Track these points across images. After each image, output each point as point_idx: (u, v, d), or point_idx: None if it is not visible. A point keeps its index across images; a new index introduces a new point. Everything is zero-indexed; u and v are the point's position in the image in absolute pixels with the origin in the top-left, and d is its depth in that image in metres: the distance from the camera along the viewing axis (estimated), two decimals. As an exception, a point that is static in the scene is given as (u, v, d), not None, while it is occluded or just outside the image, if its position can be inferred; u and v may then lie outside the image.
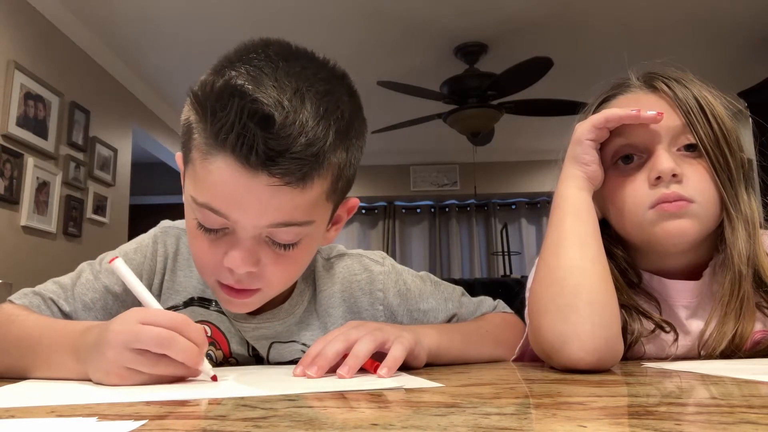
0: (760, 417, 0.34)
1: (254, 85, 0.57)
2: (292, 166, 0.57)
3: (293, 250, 0.64)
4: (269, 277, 0.65)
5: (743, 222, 0.70)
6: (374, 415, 0.38)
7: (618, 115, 0.69)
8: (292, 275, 0.70)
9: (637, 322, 0.72)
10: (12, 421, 0.36)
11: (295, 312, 0.76)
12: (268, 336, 0.75)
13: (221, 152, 0.58)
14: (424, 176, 5.79)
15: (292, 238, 0.63)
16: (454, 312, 0.82)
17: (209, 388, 0.51)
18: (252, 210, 0.60)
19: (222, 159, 0.58)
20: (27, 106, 2.66)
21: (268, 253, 0.63)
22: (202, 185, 0.61)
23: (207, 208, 0.61)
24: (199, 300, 0.76)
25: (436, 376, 0.57)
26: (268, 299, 0.70)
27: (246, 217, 0.60)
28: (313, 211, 0.63)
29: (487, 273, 5.86)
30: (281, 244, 0.63)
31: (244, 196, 0.59)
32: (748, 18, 3.10)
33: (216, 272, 0.65)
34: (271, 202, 0.59)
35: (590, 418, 0.35)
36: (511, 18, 3.07)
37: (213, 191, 0.60)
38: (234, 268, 0.62)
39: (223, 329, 0.75)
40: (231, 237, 0.62)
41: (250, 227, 0.61)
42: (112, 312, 0.73)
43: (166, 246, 0.78)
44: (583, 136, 0.70)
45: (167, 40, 3.24)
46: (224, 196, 0.60)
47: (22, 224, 2.64)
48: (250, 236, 0.62)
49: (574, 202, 0.69)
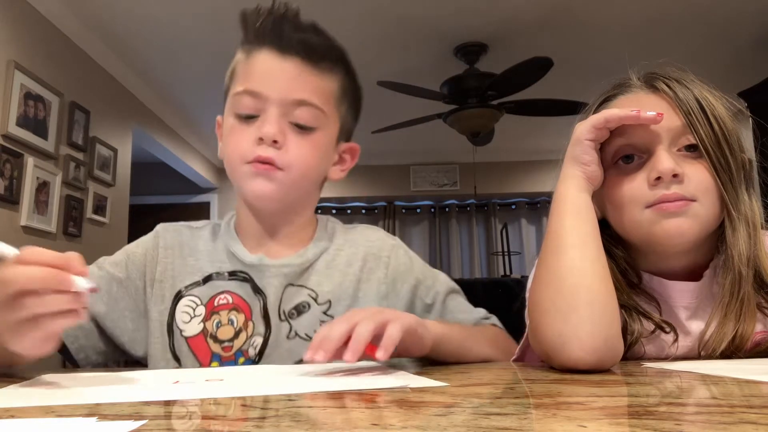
0: (760, 417, 0.34)
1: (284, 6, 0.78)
2: (315, 47, 0.77)
3: (311, 135, 0.78)
4: (291, 157, 0.76)
5: (744, 223, 0.70)
6: (374, 415, 0.38)
7: (618, 116, 0.69)
8: (310, 162, 0.79)
9: (637, 322, 0.72)
10: (12, 421, 0.36)
11: (310, 255, 0.83)
12: (286, 274, 0.80)
13: (259, 47, 0.78)
14: (424, 176, 5.79)
15: (311, 119, 0.77)
16: (454, 288, 0.88)
17: (209, 389, 0.51)
18: (281, 84, 0.76)
19: (259, 51, 0.78)
20: (27, 106, 2.66)
21: (291, 134, 0.77)
22: (244, 77, 0.78)
23: (245, 93, 0.76)
24: (216, 275, 0.81)
25: (437, 376, 0.57)
26: (287, 187, 0.78)
27: (276, 91, 0.76)
28: (326, 104, 0.79)
29: (487, 273, 5.86)
30: (301, 125, 0.77)
31: (276, 74, 0.76)
32: (748, 18, 3.10)
33: (249, 152, 0.76)
34: (296, 79, 0.76)
35: (590, 418, 0.35)
36: (511, 18, 3.07)
37: (252, 76, 0.77)
38: (265, 135, 0.75)
39: (242, 294, 0.80)
40: (262, 118, 0.76)
41: (278, 101, 0.76)
42: (117, 298, 0.80)
43: (167, 239, 0.85)
44: (582, 136, 0.70)
45: (167, 40, 3.24)
46: (260, 76, 0.77)
47: (22, 224, 2.64)
48: (278, 112, 0.76)
49: (574, 202, 0.69)
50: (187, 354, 0.78)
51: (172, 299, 0.80)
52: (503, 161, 5.61)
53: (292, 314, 0.79)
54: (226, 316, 0.78)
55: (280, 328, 0.78)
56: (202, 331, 0.78)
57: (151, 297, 0.81)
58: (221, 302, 0.79)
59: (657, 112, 0.68)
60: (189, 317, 0.79)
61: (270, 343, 0.77)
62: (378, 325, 0.59)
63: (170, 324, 0.79)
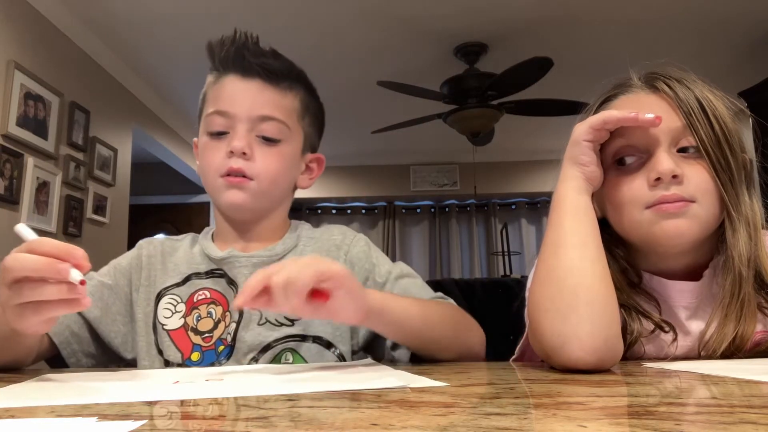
0: (760, 417, 0.34)
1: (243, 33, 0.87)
2: (274, 69, 0.86)
3: (277, 146, 0.85)
4: (259, 168, 0.83)
5: (744, 223, 0.70)
6: (374, 415, 0.38)
7: (616, 117, 0.69)
8: (277, 171, 0.86)
9: (637, 321, 0.72)
10: (12, 421, 0.36)
11: (279, 250, 0.88)
12: (254, 264, 0.86)
13: (225, 73, 0.87)
14: (424, 176, 5.79)
15: (276, 132, 0.85)
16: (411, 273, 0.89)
17: (209, 389, 0.51)
18: (246, 103, 0.84)
19: (225, 77, 0.87)
20: (27, 106, 2.66)
21: (258, 147, 0.84)
22: (213, 100, 0.87)
23: (215, 113, 0.85)
24: (195, 275, 0.88)
25: (437, 376, 0.57)
26: (258, 195, 0.85)
27: (242, 109, 0.84)
28: (289, 119, 0.87)
29: (487, 273, 5.86)
30: (268, 138, 0.85)
31: (240, 94, 0.85)
32: (748, 18, 3.10)
33: (222, 165, 0.83)
34: (259, 97, 0.85)
35: (590, 418, 0.35)
36: (511, 18, 3.07)
37: (220, 98, 0.86)
38: (234, 148, 0.82)
39: (219, 288, 0.85)
40: (231, 135, 0.84)
41: (245, 117, 0.84)
42: (109, 303, 0.85)
43: (150, 249, 0.92)
44: (580, 137, 0.70)
45: (167, 40, 3.24)
46: (227, 98, 0.85)
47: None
48: (246, 128, 0.84)
49: (573, 203, 0.69)
50: (168, 345, 0.82)
51: (155, 299, 0.86)
52: (503, 161, 5.60)
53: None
54: (206, 309, 0.84)
55: (251, 314, 0.83)
56: (182, 325, 0.83)
57: (137, 300, 0.87)
58: (200, 298, 0.85)
59: (656, 115, 0.68)
60: (170, 313, 0.85)
61: (241, 327, 0.82)
62: (315, 274, 0.58)
63: (154, 322, 0.84)
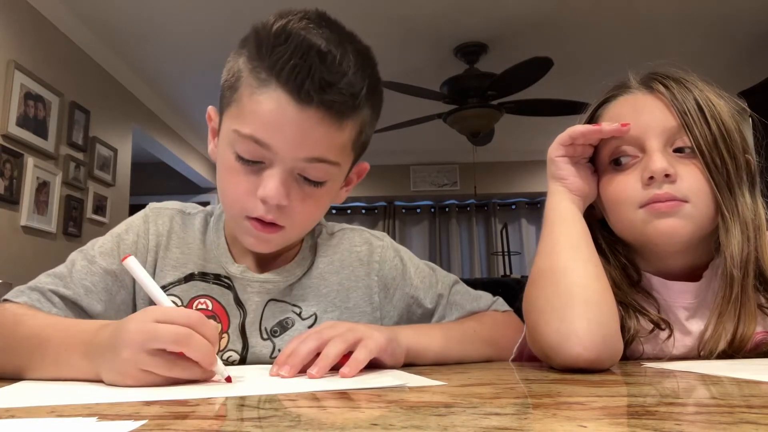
0: (760, 417, 0.34)
1: (305, 32, 0.65)
2: (336, 101, 0.64)
3: (319, 189, 0.70)
4: (295, 215, 0.69)
5: (739, 224, 0.70)
6: (374, 415, 0.38)
7: (581, 132, 0.72)
8: (314, 217, 0.75)
9: (634, 319, 0.72)
10: (12, 421, 0.36)
11: (296, 272, 0.79)
12: (269, 291, 0.77)
13: (273, 84, 0.64)
14: (424, 176, 5.79)
15: (322, 176, 0.69)
16: (441, 293, 0.84)
17: (209, 388, 0.51)
18: (294, 140, 0.65)
19: (273, 90, 0.64)
20: (27, 106, 2.66)
21: (296, 190, 0.69)
22: (250, 117, 0.66)
23: (251, 139, 0.65)
24: (199, 275, 0.78)
25: (436, 376, 0.57)
26: (288, 242, 0.75)
27: (287, 147, 0.65)
28: (342, 155, 0.70)
29: (487, 273, 5.86)
30: (311, 181, 0.69)
31: (289, 126, 0.64)
32: (748, 18, 3.10)
33: (247, 205, 0.69)
34: (312, 134, 0.65)
35: (590, 418, 0.35)
36: (511, 18, 3.07)
37: (260, 122, 0.65)
38: (268, 199, 0.66)
39: (223, 302, 0.77)
40: (266, 171, 0.67)
41: (289, 158, 0.66)
42: (113, 293, 0.75)
43: (158, 225, 0.80)
44: (552, 154, 0.74)
45: (167, 40, 3.24)
46: (270, 125, 0.65)
47: (22, 224, 2.64)
48: (286, 168, 0.67)
49: (560, 213, 0.72)
50: None
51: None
52: (503, 161, 5.60)
53: (275, 332, 0.77)
54: None
55: (262, 347, 0.76)
56: None
57: (139, 291, 0.78)
58: (200, 307, 0.76)
59: (621, 123, 0.71)
60: None
61: (248, 362, 0.75)
62: (348, 346, 0.59)
63: None
